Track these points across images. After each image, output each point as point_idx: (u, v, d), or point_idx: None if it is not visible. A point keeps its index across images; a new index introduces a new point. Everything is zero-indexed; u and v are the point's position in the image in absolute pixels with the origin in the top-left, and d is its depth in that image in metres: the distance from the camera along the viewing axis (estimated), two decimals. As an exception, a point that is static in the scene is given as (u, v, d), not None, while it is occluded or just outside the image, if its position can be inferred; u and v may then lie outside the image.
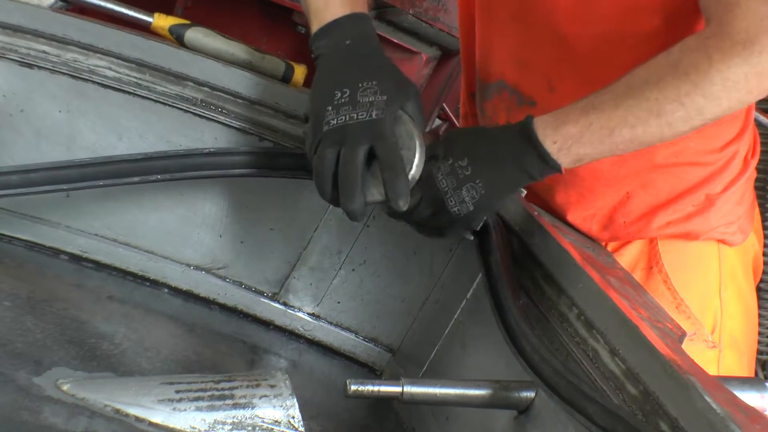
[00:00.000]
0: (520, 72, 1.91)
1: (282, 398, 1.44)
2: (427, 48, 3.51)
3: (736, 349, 1.97)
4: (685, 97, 1.57)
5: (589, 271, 1.52)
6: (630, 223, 1.91)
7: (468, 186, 1.60)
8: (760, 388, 1.44)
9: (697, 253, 1.94)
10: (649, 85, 1.58)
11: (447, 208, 1.62)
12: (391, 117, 1.62)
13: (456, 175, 1.60)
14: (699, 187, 1.90)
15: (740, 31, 1.57)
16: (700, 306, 1.93)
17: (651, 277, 1.92)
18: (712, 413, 1.17)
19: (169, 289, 1.99)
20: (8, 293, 1.71)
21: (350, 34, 1.71)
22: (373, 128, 1.60)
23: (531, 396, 1.49)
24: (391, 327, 2.00)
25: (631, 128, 1.58)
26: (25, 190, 1.78)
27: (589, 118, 1.58)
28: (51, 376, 1.43)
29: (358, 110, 1.62)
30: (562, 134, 1.59)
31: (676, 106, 1.57)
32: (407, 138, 1.62)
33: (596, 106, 1.59)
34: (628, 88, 1.59)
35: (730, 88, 1.57)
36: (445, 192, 1.61)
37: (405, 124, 1.63)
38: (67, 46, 1.91)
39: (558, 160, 1.59)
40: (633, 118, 1.58)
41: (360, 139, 1.59)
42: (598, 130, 1.58)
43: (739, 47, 1.56)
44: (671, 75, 1.58)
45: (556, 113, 1.61)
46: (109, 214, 1.96)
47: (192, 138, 1.94)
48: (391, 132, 1.61)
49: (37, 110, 1.93)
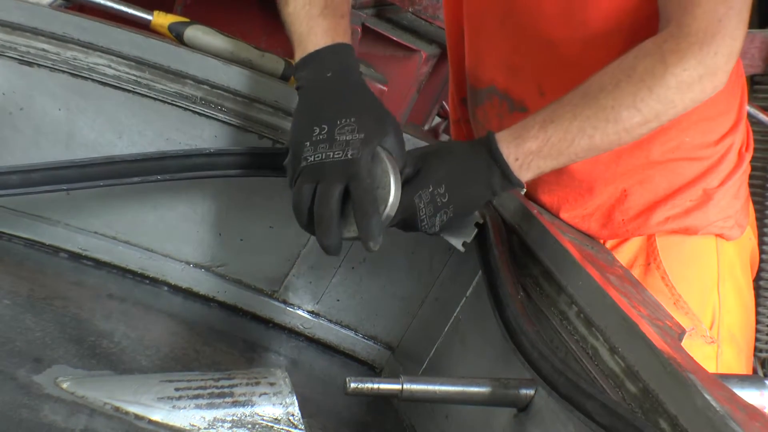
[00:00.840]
0: (511, 77, 1.92)
1: (281, 396, 1.44)
2: (426, 46, 3.51)
3: (735, 344, 1.98)
4: (641, 103, 1.61)
5: (588, 268, 1.52)
6: (629, 221, 1.92)
7: (442, 212, 1.64)
8: (759, 386, 1.45)
9: (696, 248, 1.95)
10: (604, 92, 1.62)
11: (417, 229, 1.66)
12: (367, 156, 1.62)
13: (435, 203, 1.64)
14: (696, 182, 1.91)
15: (698, 31, 1.61)
16: (699, 301, 1.93)
17: (649, 273, 1.93)
18: (711, 411, 1.17)
19: (169, 287, 1.99)
20: (8, 291, 1.71)
21: (331, 66, 1.71)
22: (348, 168, 1.61)
23: (530, 394, 1.49)
24: (390, 325, 2.00)
25: (589, 138, 1.62)
26: (25, 190, 1.78)
27: (547, 133, 1.63)
28: (50, 374, 1.43)
29: (335, 149, 1.63)
30: (523, 150, 1.63)
31: (633, 112, 1.61)
32: (383, 176, 1.62)
33: (554, 120, 1.63)
34: (585, 97, 1.63)
35: (684, 90, 1.62)
36: (422, 219, 1.65)
37: (381, 163, 1.63)
38: (66, 44, 1.91)
39: (519, 177, 1.64)
40: (591, 128, 1.62)
41: (336, 178, 1.60)
42: (557, 143, 1.63)
43: (696, 48, 1.61)
44: (626, 81, 1.62)
45: (515, 129, 1.65)
46: (109, 212, 1.96)
47: (191, 136, 1.94)
48: (366, 172, 1.61)
49: (37, 108, 1.93)
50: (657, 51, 1.63)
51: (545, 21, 1.82)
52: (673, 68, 1.61)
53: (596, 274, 1.51)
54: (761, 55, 2.92)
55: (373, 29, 3.47)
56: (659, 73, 1.61)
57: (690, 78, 1.62)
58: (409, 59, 3.56)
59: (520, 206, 1.76)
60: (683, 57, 1.61)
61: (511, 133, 1.65)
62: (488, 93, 1.96)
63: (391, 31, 3.48)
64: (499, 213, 1.78)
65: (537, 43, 1.85)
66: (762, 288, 2.91)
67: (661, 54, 1.62)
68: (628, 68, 1.63)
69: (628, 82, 1.62)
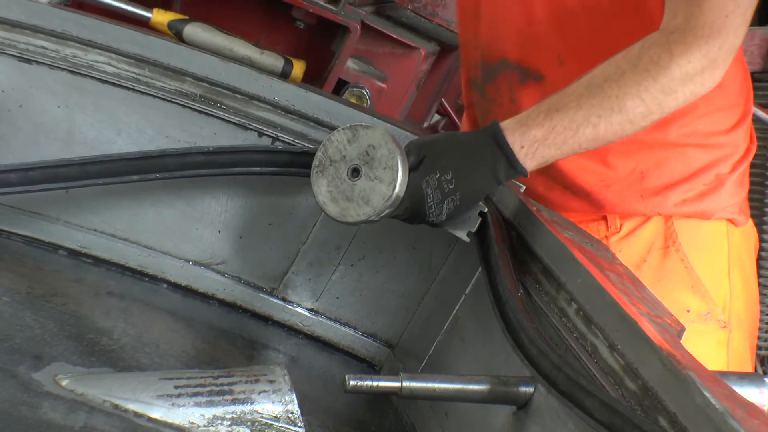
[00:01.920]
0: (527, 47, 1.93)
1: (281, 393, 1.44)
2: (425, 43, 3.51)
3: (743, 330, 2.03)
4: (645, 92, 1.65)
5: (588, 266, 1.52)
6: (648, 196, 1.94)
7: (449, 200, 1.66)
8: (758, 384, 1.45)
9: (710, 232, 1.98)
10: (609, 81, 1.65)
11: (425, 218, 1.68)
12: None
13: (442, 189, 1.66)
14: (709, 168, 1.95)
15: (705, 25, 1.65)
16: (713, 285, 1.97)
17: (668, 256, 1.96)
18: (710, 408, 1.17)
19: (168, 284, 1.99)
20: (7, 288, 1.71)
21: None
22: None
23: (530, 391, 1.49)
24: (390, 322, 2.00)
25: (594, 127, 1.65)
26: (24, 188, 1.78)
27: (553, 121, 1.65)
28: (50, 371, 1.43)
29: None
30: (529, 139, 1.65)
31: (637, 101, 1.65)
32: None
33: (559, 109, 1.66)
34: (590, 87, 1.66)
35: (687, 81, 1.66)
36: (429, 206, 1.66)
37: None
38: (66, 41, 1.90)
39: (524, 165, 1.66)
40: (595, 116, 1.65)
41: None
42: (562, 131, 1.65)
43: (702, 41, 1.65)
44: (631, 71, 1.65)
45: (520, 118, 1.67)
46: (108, 210, 1.96)
47: (191, 133, 1.94)
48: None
49: (36, 105, 1.93)
50: (663, 41, 1.66)
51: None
52: (679, 59, 1.65)
53: (595, 271, 1.51)
54: (761, 53, 2.93)
55: (373, 26, 3.46)
56: (664, 63, 1.64)
57: (693, 70, 1.65)
58: (409, 56, 3.56)
59: (519, 204, 1.76)
60: (689, 48, 1.65)
61: (516, 121, 1.67)
62: (501, 66, 1.97)
63: (390, 29, 3.48)
64: (499, 210, 1.78)
65: (556, 12, 1.87)
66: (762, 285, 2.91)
67: (667, 44, 1.65)
68: (633, 58, 1.66)
69: (633, 71, 1.65)
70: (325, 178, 1.69)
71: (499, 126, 1.67)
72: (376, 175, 1.65)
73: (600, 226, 1.96)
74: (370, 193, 1.65)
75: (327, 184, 1.68)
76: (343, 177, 1.67)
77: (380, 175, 1.65)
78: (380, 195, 1.65)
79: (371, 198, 1.65)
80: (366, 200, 1.66)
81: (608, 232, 1.95)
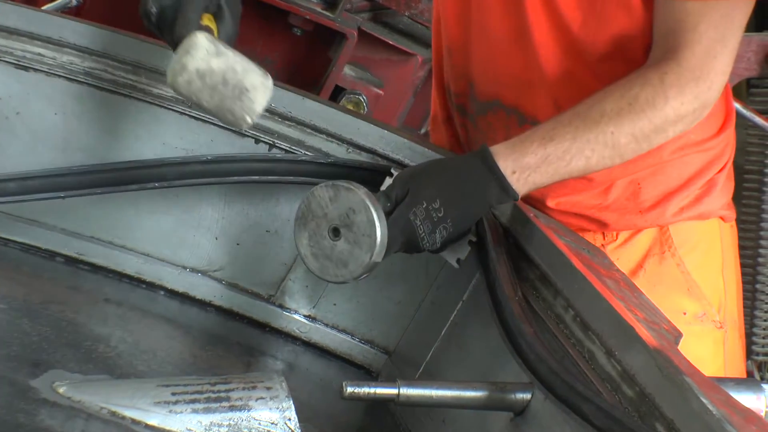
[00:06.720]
0: (523, 93, 1.93)
1: (278, 400, 1.44)
2: (422, 49, 3.52)
3: (736, 329, 2.05)
4: (639, 132, 1.72)
5: (585, 272, 1.53)
6: (645, 211, 1.96)
7: (440, 227, 1.68)
8: (756, 390, 1.45)
9: (704, 231, 2.00)
10: (606, 118, 1.71)
11: (419, 248, 1.70)
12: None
13: (431, 218, 1.68)
14: (704, 171, 1.97)
15: (695, 67, 1.73)
16: (709, 285, 1.98)
17: (664, 261, 1.97)
18: (708, 414, 1.17)
19: (165, 292, 1.98)
20: (4, 296, 1.71)
21: None
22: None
23: (527, 398, 1.49)
24: (387, 329, 2.00)
25: (586, 159, 1.71)
26: (22, 197, 1.79)
27: (546, 150, 1.70)
28: (47, 378, 1.43)
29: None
30: (521, 165, 1.69)
31: (630, 139, 1.72)
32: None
33: (554, 138, 1.70)
34: (586, 121, 1.71)
35: (678, 122, 1.74)
36: (422, 238, 1.68)
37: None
38: (62, 48, 1.91)
39: (516, 190, 1.69)
40: (589, 150, 1.71)
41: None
42: (555, 161, 1.70)
43: (693, 83, 1.73)
44: (627, 109, 1.72)
45: (513, 144, 1.71)
46: (105, 217, 1.96)
47: (188, 140, 1.94)
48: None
49: (33, 113, 1.93)
50: (659, 83, 1.72)
51: (561, 39, 1.86)
52: (673, 101, 1.72)
53: (593, 277, 1.52)
54: (757, 59, 2.94)
55: (370, 33, 3.47)
56: (660, 105, 1.72)
57: (686, 111, 1.73)
58: (405, 63, 3.57)
59: (516, 210, 1.76)
60: (682, 91, 1.72)
61: (508, 147, 1.70)
62: (493, 106, 1.98)
63: (387, 35, 3.49)
64: (496, 216, 1.78)
65: (553, 59, 1.88)
66: (759, 291, 2.92)
67: (662, 86, 1.72)
68: (631, 97, 1.72)
69: (630, 110, 1.71)
70: (306, 231, 1.69)
71: (489, 150, 1.69)
72: (355, 239, 1.66)
73: (596, 236, 1.96)
74: (349, 258, 1.67)
75: (308, 239, 1.69)
76: (323, 234, 1.68)
77: (359, 240, 1.65)
78: (359, 261, 1.66)
79: (349, 262, 1.67)
80: (344, 264, 1.67)
81: (605, 240, 1.97)
